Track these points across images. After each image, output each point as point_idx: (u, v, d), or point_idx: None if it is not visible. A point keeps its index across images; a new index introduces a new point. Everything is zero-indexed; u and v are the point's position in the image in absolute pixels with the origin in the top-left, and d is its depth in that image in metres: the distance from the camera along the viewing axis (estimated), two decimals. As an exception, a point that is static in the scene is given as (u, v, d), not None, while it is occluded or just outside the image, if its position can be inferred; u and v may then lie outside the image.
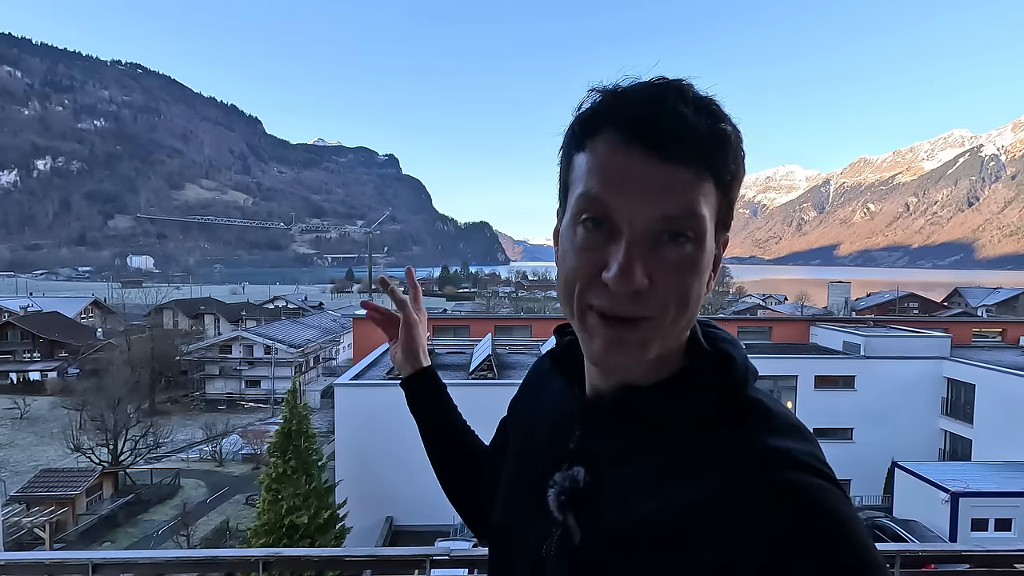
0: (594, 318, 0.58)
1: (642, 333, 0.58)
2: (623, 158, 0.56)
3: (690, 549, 0.53)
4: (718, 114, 0.57)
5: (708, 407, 0.61)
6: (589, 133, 0.58)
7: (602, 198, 0.56)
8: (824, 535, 0.49)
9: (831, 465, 0.57)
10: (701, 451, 0.58)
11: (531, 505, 0.69)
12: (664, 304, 0.57)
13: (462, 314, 46.00)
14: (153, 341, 40.08)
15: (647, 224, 0.55)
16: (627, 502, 0.60)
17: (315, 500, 13.49)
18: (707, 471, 0.56)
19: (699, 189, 0.56)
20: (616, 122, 0.57)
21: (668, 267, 0.56)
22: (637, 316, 0.57)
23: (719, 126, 0.56)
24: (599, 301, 0.57)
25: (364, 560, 1.94)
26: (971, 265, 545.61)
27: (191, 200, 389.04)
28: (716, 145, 0.56)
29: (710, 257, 0.60)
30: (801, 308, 61.79)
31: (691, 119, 0.55)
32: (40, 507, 19.59)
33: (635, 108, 0.56)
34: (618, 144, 0.56)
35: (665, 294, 0.56)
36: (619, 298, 0.56)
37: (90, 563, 1.84)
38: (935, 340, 23.51)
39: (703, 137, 0.55)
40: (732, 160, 0.58)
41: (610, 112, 0.57)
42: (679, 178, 0.55)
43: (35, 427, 32.42)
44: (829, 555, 0.48)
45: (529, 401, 0.86)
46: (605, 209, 0.56)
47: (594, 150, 0.58)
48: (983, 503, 14.26)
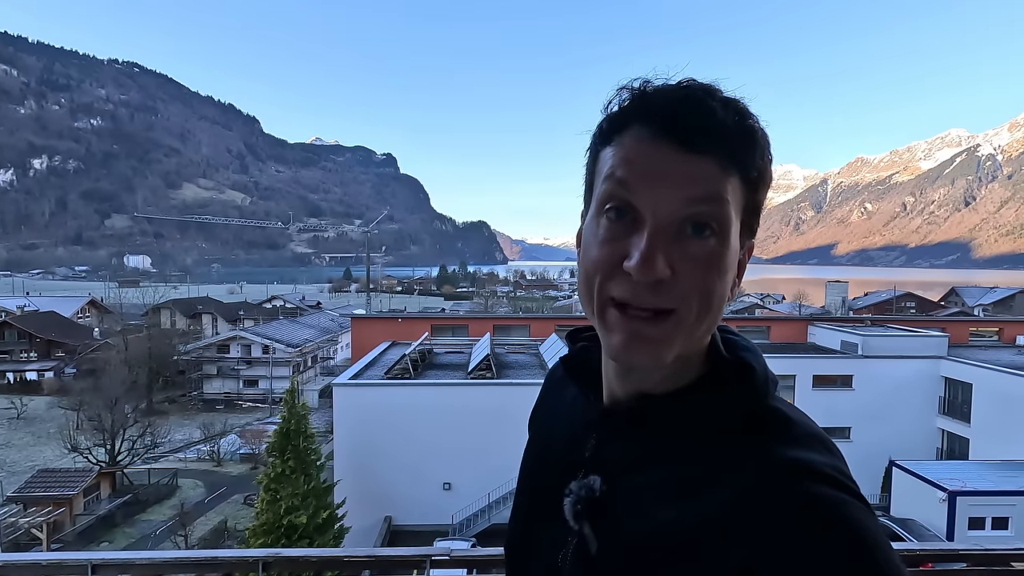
0: (614, 312, 0.58)
1: (663, 329, 0.57)
2: (650, 149, 0.56)
3: (706, 560, 0.53)
4: (746, 112, 0.58)
5: (727, 417, 0.60)
6: (617, 129, 0.59)
7: (627, 184, 0.57)
8: (846, 550, 0.48)
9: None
10: (719, 461, 0.57)
11: (547, 514, 0.68)
12: (686, 298, 0.56)
13: (460, 314, 46.01)
14: (150, 341, 39.97)
15: (671, 213, 0.55)
16: (643, 511, 0.59)
17: (314, 500, 13.48)
18: (724, 481, 0.55)
19: (724, 182, 0.56)
20: (644, 117, 0.57)
21: (691, 260, 0.56)
22: (658, 308, 0.56)
23: (747, 122, 0.57)
24: (620, 292, 0.57)
25: (364, 560, 1.94)
26: (968, 264, 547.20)
27: (188, 199, 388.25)
28: (743, 140, 0.57)
29: (734, 258, 0.59)
30: (799, 307, 61.85)
31: (719, 113, 0.56)
32: (37, 508, 19.51)
33: (663, 104, 0.57)
34: (645, 137, 0.57)
35: (687, 288, 0.56)
36: (640, 288, 0.55)
37: (89, 563, 1.84)
38: (932, 339, 23.59)
39: (730, 131, 0.56)
40: (759, 157, 0.58)
41: (638, 108, 0.58)
42: (705, 169, 0.55)
43: (32, 427, 32.32)
44: (851, 571, 0.47)
45: (545, 409, 0.85)
46: (629, 196, 0.57)
47: (621, 144, 0.58)
48: (980, 502, 14.30)
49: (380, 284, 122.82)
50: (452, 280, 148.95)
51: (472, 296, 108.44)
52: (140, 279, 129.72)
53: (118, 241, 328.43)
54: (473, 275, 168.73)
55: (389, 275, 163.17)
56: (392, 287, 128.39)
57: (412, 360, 19.41)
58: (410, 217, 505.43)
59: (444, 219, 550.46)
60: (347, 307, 64.67)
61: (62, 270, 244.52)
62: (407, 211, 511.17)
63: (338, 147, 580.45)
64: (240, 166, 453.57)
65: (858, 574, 0.47)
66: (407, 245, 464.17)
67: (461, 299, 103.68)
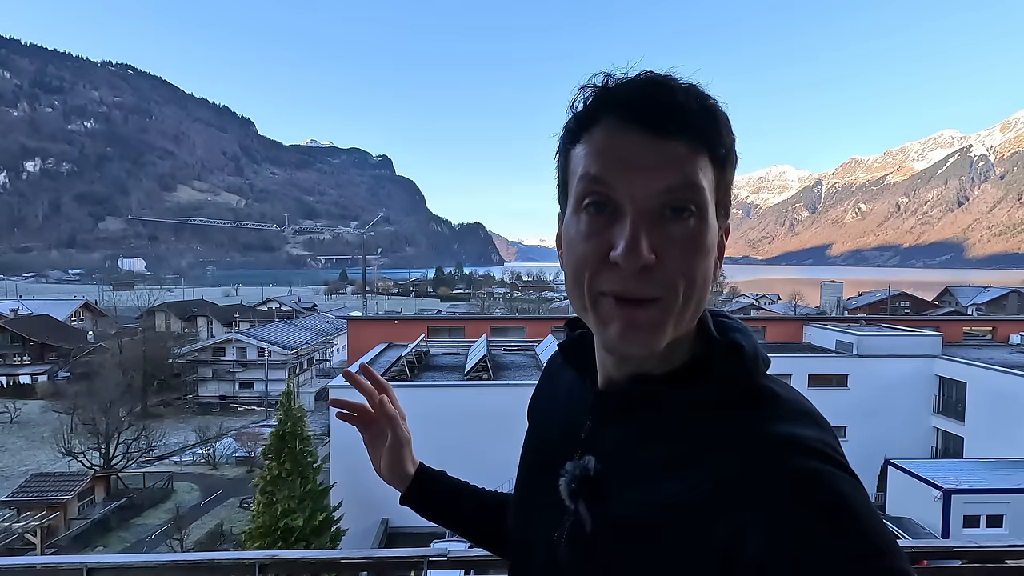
0: (607, 303, 0.59)
1: (654, 315, 0.58)
2: (619, 140, 0.58)
3: (697, 535, 0.54)
4: (705, 95, 0.60)
5: (717, 395, 0.61)
6: (585, 126, 0.61)
7: (602, 177, 0.58)
8: (835, 520, 0.48)
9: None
10: (709, 438, 0.58)
11: (545, 494, 0.70)
12: (673, 282, 0.57)
13: (457, 315, 45.96)
14: (145, 344, 39.71)
15: (649, 198, 0.57)
16: (636, 489, 0.61)
17: (310, 502, 13.44)
18: (714, 458, 0.56)
19: (696, 162, 0.58)
20: (610, 109, 0.59)
21: (673, 242, 0.57)
22: (647, 296, 0.57)
23: (708, 103, 0.59)
24: (610, 285, 0.58)
25: (361, 562, 1.93)
26: (961, 264, 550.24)
27: (183, 202, 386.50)
28: (707, 119, 0.59)
29: (714, 236, 0.61)
30: (794, 308, 62.11)
31: (681, 96, 0.58)
32: (31, 512, 19.37)
33: (627, 94, 0.59)
34: (614, 128, 0.58)
35: (673, 271, 0.57)
36: (629, 277, 0.57)
37: (84, 567, 1.82)
38: (926, 339, 23.71)
39: (694, 111, 0.58)
40: (725, 134, 0.60)
41: (603, 101, 0.60)
42: (675, 151, 0.57)
43: (25, 431, 32.10)
44: (840, 542, 0.47)
45: (545, 395, 0.87)
46: (606, 188, 0.58)
47: (591, 139, 0.60)
48: (975, 500, 14.38)
49: (376, 286, 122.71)
50: (448, 282, 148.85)
51: (468, 298, 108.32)
52: (134, 282, 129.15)
53: (112, 244, 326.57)
54: (469, 277, 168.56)
55: (385, 277, 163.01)
56: (388, 289, 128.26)
57: (408, 362, 19.38)
58: (406, 219, 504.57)
59: (440, 221, 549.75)
60: (343, 309, 64.47)
61: (56, 273, 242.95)
62: (403, 213, 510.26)
63: (334, 149, 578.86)
64: (235, 168, 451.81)
65: (846, 543, 0.47)
66: (403, 247, 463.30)
67: (457, 301, 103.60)
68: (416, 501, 1.01)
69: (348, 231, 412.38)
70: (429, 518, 1.03)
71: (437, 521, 1.03)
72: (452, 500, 1.02)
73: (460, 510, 1.02)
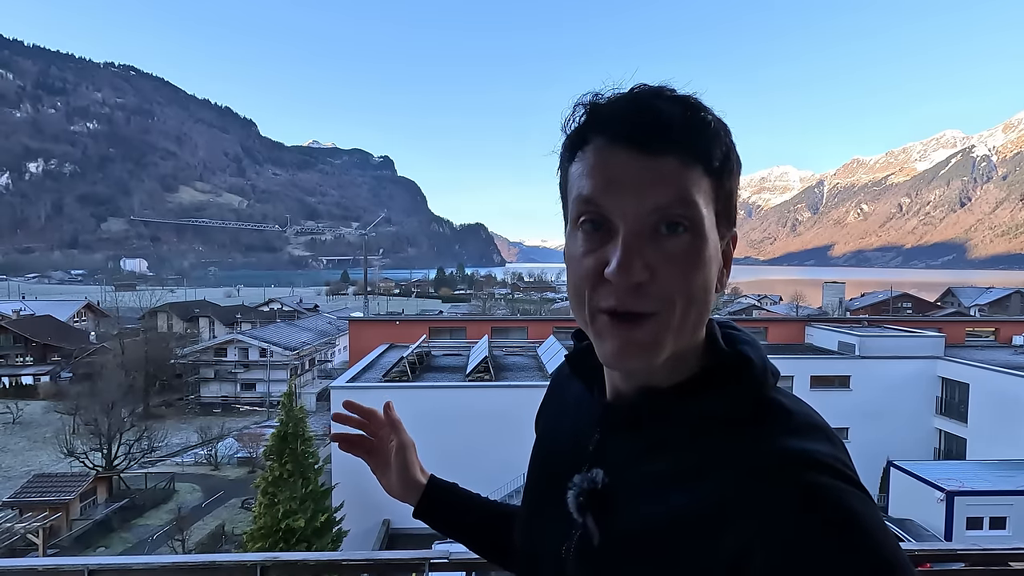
0: (603, 321, 0.59)
1: (650, 331, 0.58)
2: (609, 158, 0.58)
3: (706, 548, 0.53)
4: (696, 106, 0.59)
5: (726, 408, 0.60)
6: (578, 145, 0.62)
7: (594, 198, 0.58)
8: (843, 537, 0.48)
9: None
10: (718, 451, 0.58)
11: (553, 507, 0.70)
12: (668, 298, 0.57)
13: (458, 316, 45.97)
14: (147, 344, 39.79)
15: (640, 216, 0.57)
16: (644, 503, 0.60)
17: (312, 503, 13.45)
18: (723, 472, 0.56)
19: (688, 177, 0.57)
20: (598, 128, 0.60)
21: (668, 259, 0.57)
22: (643, 311, 0.57)
23: (698, 115, 0.58)
24: (606, 301, 0.58)
25: (363, 564, 1.93)
26: (963, 265, 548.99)
27: (185, 202, 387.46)
28: (696, 132, 0.58)
29: (714, 250, 0.60)
30: (796, 308, 62.07)
31: (666, 111, 0.57)
32: (33, 513, 19.40)
33: (613, 113, 0.59)
34: (603, 146, 0.59)
35: (668, 287, 0.57)
36: (622, 294, 0.57)
37: (86, 569, 1.82)
38: (929, 340, 23.66)
39: (683, 126, 0.57)
40: (717, 146, 0.59)
41: (593, 120, 0.61)
42: (665, 168, 0.56)
43: (28, 432, 32.16)
44: (849, 558, 0.47)
45: (551, 406, 0.87)
46: (599, 208, 0.58)
47: (584, 159, 0.61)
48: (978, 502, 14.32)
49: (378, 286, 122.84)
50: (450, 282, 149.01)
51: (470, 298, 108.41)
52: (136, 283, 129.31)
53: (114, 245, 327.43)
54: (471, 277, 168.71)
55: (387, 278, 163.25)
56: (390, 290, 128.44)
57: (410, 362, 19.39)
58: (407, 220, 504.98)
59: (441, 221, 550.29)
60: (345, 310, 64.54)
61: (58, 274, 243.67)
62: (404, 214, 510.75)
63: (335, 150, 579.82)
64: (237, 169, 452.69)
65: (858, 561, 0.47)
66: (404, 248, 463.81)
67: (459, 301, 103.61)
68: (429, 515, 1.01)
69: (350, 232, 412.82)
70: (441, 531, 1.03)
71: (448, 534, 1.03)
72: (464, 512, 1.03)
73: (472, 522, 1.03)
